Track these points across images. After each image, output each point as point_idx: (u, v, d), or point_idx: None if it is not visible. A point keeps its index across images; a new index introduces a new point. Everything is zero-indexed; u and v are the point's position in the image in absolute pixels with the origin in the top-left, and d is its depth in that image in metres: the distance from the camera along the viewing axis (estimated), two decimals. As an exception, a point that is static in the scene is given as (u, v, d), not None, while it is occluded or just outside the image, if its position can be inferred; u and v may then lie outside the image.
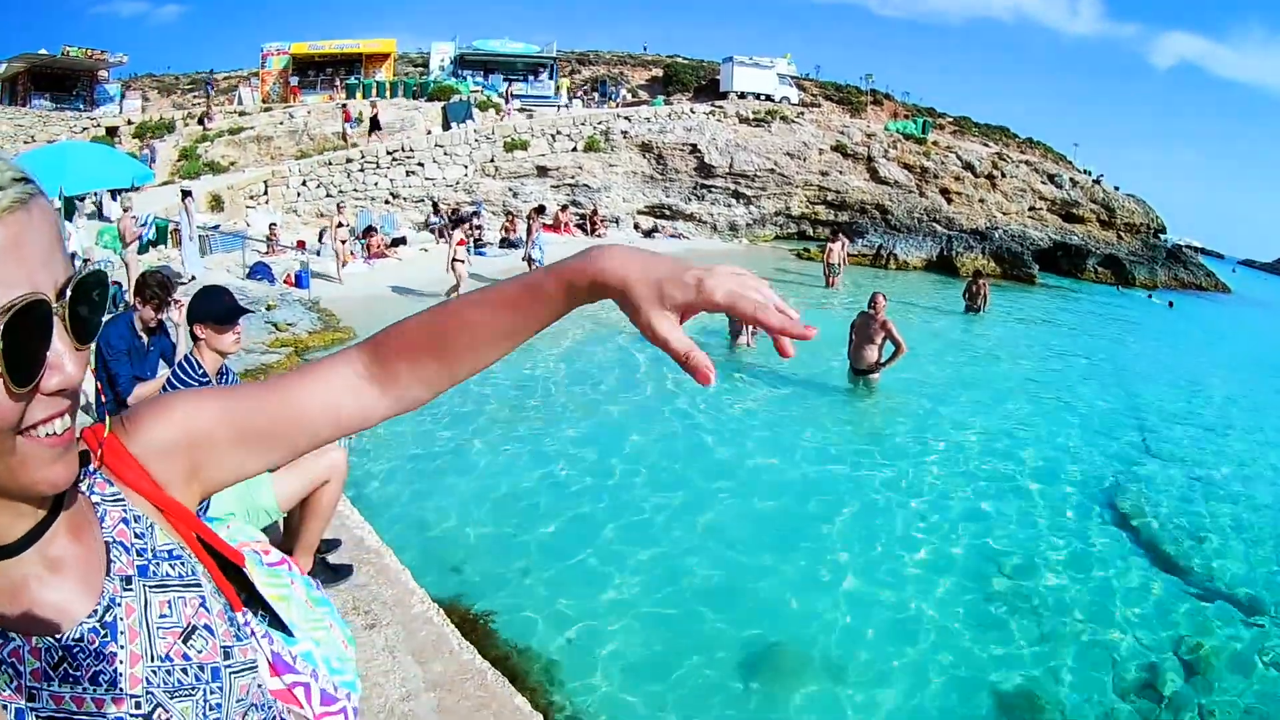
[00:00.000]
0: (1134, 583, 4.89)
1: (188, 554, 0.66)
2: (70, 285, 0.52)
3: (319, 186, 19.67)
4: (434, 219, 19.43)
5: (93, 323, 0.55)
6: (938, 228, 26.04)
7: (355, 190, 19.94)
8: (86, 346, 0.55)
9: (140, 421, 0.66)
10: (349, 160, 20.20)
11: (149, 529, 0.64)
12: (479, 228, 18.35)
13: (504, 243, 18.58)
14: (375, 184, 20.37)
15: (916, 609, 4.35)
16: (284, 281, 12.26)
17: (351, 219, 17.21)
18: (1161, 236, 32.01)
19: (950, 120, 35.33)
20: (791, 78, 32.31)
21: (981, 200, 28.22)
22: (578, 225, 21.61)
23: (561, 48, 34.65)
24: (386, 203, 20.41)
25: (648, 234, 23.35)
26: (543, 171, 22.89)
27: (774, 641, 3.92)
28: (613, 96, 30.96)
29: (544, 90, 30.14)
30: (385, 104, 24.14)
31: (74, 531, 0.59)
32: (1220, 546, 5.51)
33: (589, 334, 10.21)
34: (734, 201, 25.72)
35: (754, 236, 25.74)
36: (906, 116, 32.87)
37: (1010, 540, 5.28)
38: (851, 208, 26.86)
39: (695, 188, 25.11)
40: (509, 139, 22.44)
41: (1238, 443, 8.40)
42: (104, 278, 0.57)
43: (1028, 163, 31.09)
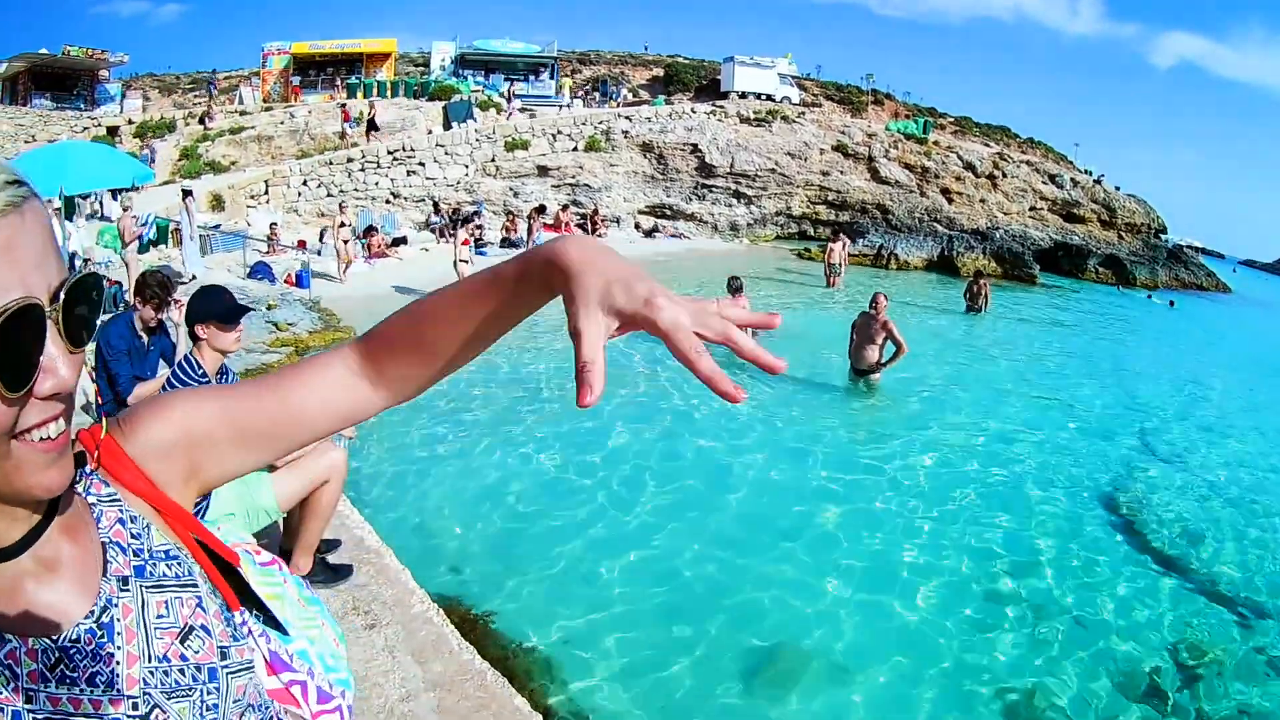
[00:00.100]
0: (1134, 583, 4.88)
1: (184, 554, 0.66)
2: (64, 289, 0.52)
3: (320, 186, 19.68)
4: (435, 219, 19.44)
5: (87, 326, 0.55)
6: (939, 228, 26.04)
7: (356, 190, 19.95)
8: (81, 350, 0.54)
9: (137, 422, 0.66)
10: (350, 160, 20.21)
11: (145, 529, 0.64)
12: (480, 227, 18.37)
13: (505, 242, 18.59)
14: (376, 184, 20.38)
15: (915, 610, 4.34)
16: (284, 281, 12.27)
17: (352, 219, 17.21)
18: (1162, 237, 32.02)
19: (951, 120, 35.35)
20: (792, 77, 32.33)
21: (982, 200, 28.23)
22: (578, 225, 21.61)
23: (562, 47, 34.70)
24: (387, 202, 20.42)
25: (648, 234, 23.36)
26: (543, 171, 22.90)
27: (773, 642, 3.92)
28: (614, 96, 30.98)
29: (545, 90, 30.17)
30: (386, 104, 24.16)
31: (70, 532, 0.59)
32: (1221, 547, 5.51)
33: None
34: (735, 201, 25.72)
35: (755, 236, 25.75)
36: (907, 116, 32.88)
37: (1010, 541, 5.28)
38: (852, 208, 26.86)
39: (696, 187, 25.12)
40: (510, 139, 22.45)
41: (1238, 443, 8.39)
42: (98, 280, 0.57)
43: (1028, 163, 31.10)
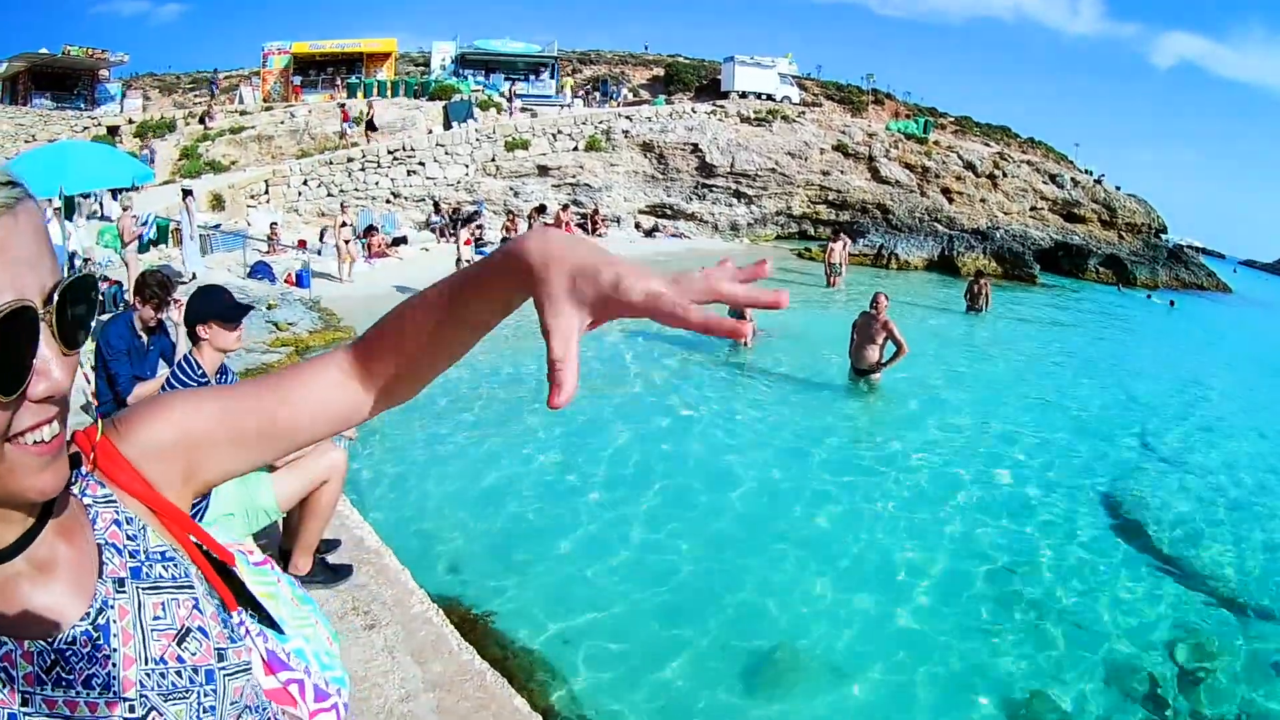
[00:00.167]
0: (1134, 584, 4.88)
1: (180, 555, 0.66)
2: (58, 290, 0.52)
3: (320, 186, 19.68)
4: (435, 218, 19.44)
5: (81, 328, 0.55)
6: (939, 227, 26.04)
7: (356, 190, 19.95)
8: (75, 352, 0.54)
9: (133, 423, 0.66)
10: (350, 160, 20.21)
11: (141, 531, 0.64)
12: (480, 227, 18.36)
13: (505, 242, 18.57)
14: (376, 183, 20.38)
15: (915, 610, 4.34)
16: (285, 281, 12.26)
17: (353, 218, 17.23)
18: (1163, 237, 32.04)
19: (951, 120, 35.34)
20: (793, 77, 32.32)
21: (983, 200, 28.23)
22: (579, 224, 21.60)
23: (562, 47, 34.67)
24: (387, 202, 20.42)
25: (649, 233, 23.35)
26: (544, 171, 22.90)
27: (773, 642, 3.91)
28: (614, 96, 30.96)
29: (545, 90, 30.16)
30: (386, 103, 24.16)
31: (65, 534, 0.59)
32: (1221, 548, 5.50)
33: (587, 335, 10.19)
34: (735, 201, 25.72)
35: (755, 236, 25.75)
36: (908, 116, 32.88)
37: (1010, 542, 5.27)
38: (853, 207, 26.86)
39: (696, 187, 25.12)
40: (510, 138, 22.45)
41: (1238, 444, 8.39)
42: (93, 282, 0.56)
43: (1029, 162, 31.10)
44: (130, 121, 23.35)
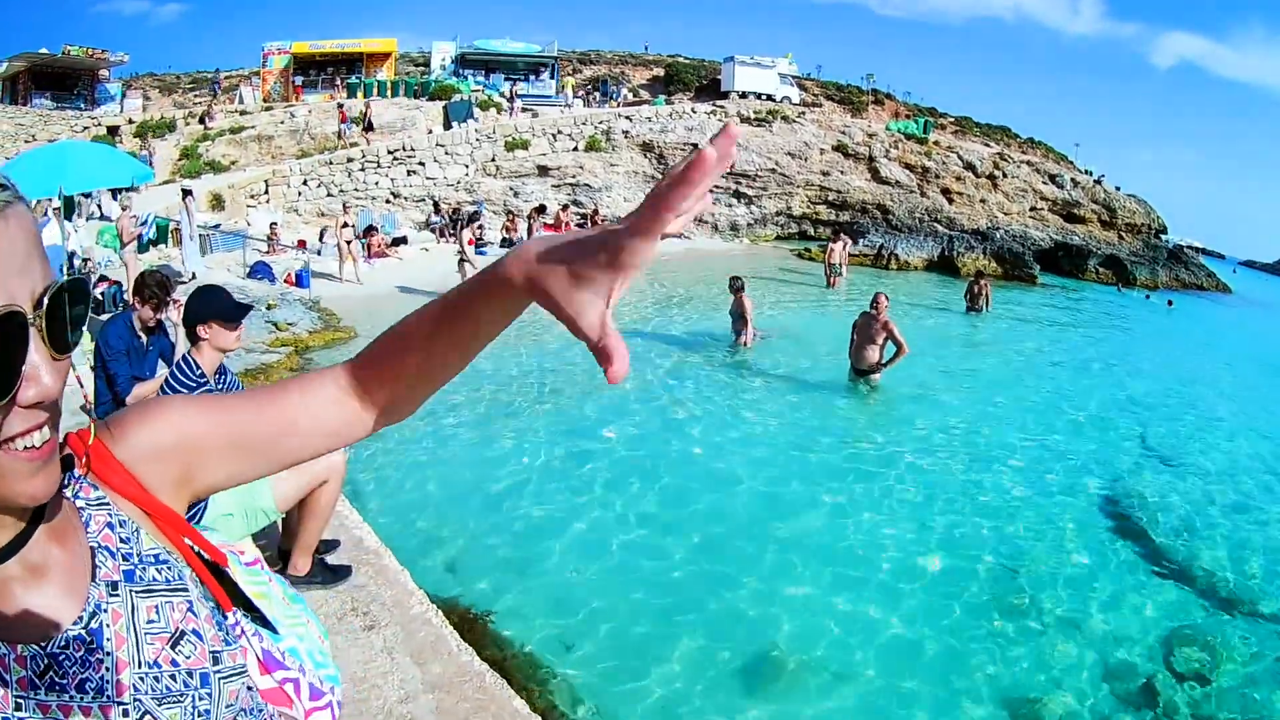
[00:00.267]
0: (1134, 584, 4.87)
1: (174, 558, 0.65)
2: (48, 295, 0.52)
3: (320, 186, 19.68)
4: (435, 218, 19.44)
5: (72, 333, 0.54)
6: (939, 228, 26.04)
7: (356, 190, 19.95)
8: (65, 357, 0.54)
9: (128, 426, 0.66)
10: (350, 160, 20.22)
11: (135, 534, 0.63)
12: (480, 227, 18.37)
13: (505, 242, 18.59)
14: (376, 183, 20.38)
15: (913, 611, 4.33)
16: (284, 281, 12.26)
17: (353, 219, 17.24)
18: (1163, 237, 32.03)
19: (951, 120, 35.35)
20: (793, 77, 32.32)
21: (983, 200, 28.23)
22: (578, 225, 21.60)
23: (562, 47, 34.68)
24: (387, 202, 20.42)
25: (648, 234, 23.34)
26: (544, 171, 22.91)
27: (775, 644, 3.91)
28: (614, 96, 30.97)
29: (545, 90, 30.17)
30: (387, 103, 24.16)
31: (58, 537, 0.58)
32: (1221, 548, 5.49)
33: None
34: (735, 201, 25.74)
35: (755, 236, 25.76)
36: (908, 116, 32.88)
37: (1010, 542, 5.27)
38: (853, 208, 26.87)
39: (696, 187, 25.10)
40: (510, 138, 22.45)
41: (1238, 444, 8.38)
42: (85, 285, 0.56)
43: (1029, 163, 31.11)
44: (130, 121, 23.35)
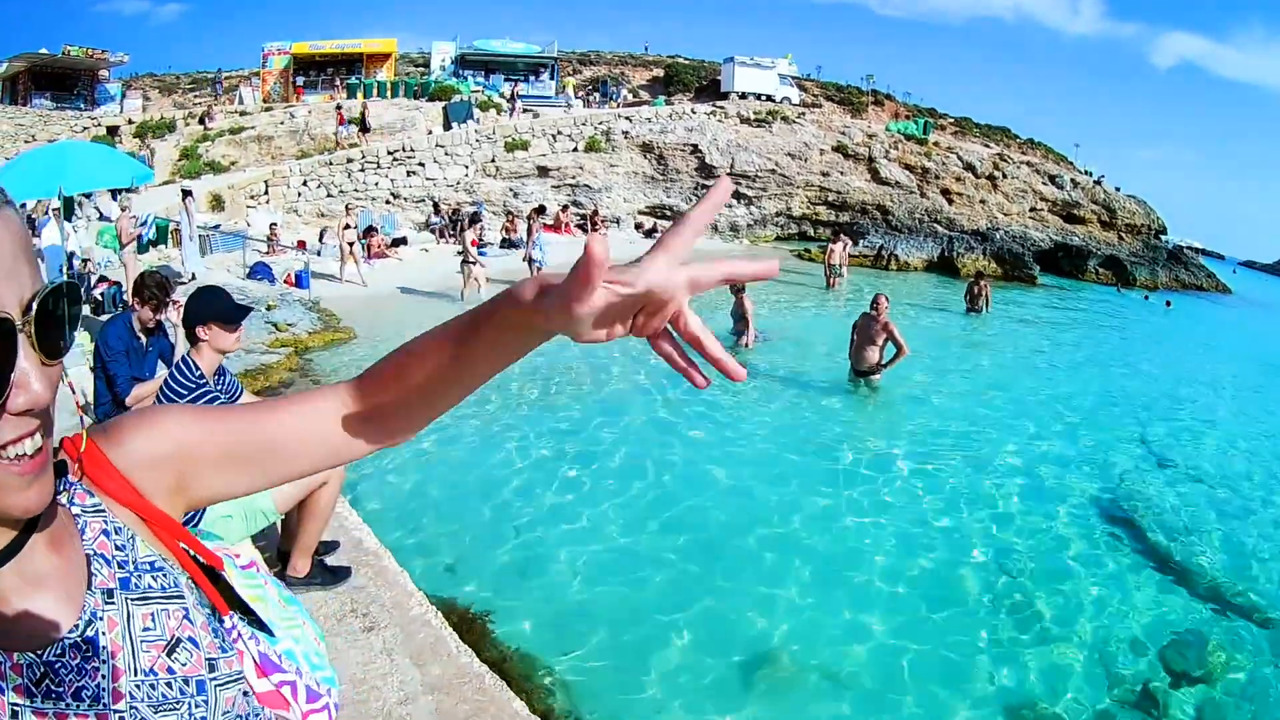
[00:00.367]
0: (1134, 585, 4.87)
1: (170, 564, 0.65)
2: (36, 300, 0.51)
3: (319, 186, 19.68)
4: (434, 219, 19.44)
5: (62, 338, 0.53)
6: (939, 228, 26.04)
7: (356, 190, 19.95)
8: (56, 363, 0.53)
9: (124, 432, 0.65)
10: (349, 160, 20.22)
11: (130, 541, 0.63)
12: (482, 228, 18.37)
13: (505, 243, 18.59)
14: (376, 184, 20.38)
15: (912, 612, 4.33)
16: (284, 281, 12.26)
17: (354, 220, 17.25)
18: (1162, 237, 32.01)
19: (951, 121, 35.34)
20: (792, 78, 32.32)
21: (982, 201, 28.23)
22: (578, 225, 21.60)
23: (562, 48, 34.68)
24: (387, 203, 20.42)
25: (648, 234, 23.33)
26: (543, 172, 22.90)
27: (776, 646, 3.91)
28: (614, 97, 30.97)
29: (545, 90, 30.17)
30: (386, 104, 24.17)
31: (53, 544, 0.58)
32: (1221, 549, 5.49)
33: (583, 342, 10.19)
34: (735, 202, 25.72)
35: (755, 237, 25.75)
36: (907, 117, 32.88)
37: (1009, 543, 5.27)
38: (852, 208, 26.87)
39: (696, 188, 25.11)
40: (510, 139, 22.45)
41: (1238, 444, 8.38)
42: (75, 289, 0.55)
43: (1029, 163, 31.11)
44: (130, 122, 23.36)
